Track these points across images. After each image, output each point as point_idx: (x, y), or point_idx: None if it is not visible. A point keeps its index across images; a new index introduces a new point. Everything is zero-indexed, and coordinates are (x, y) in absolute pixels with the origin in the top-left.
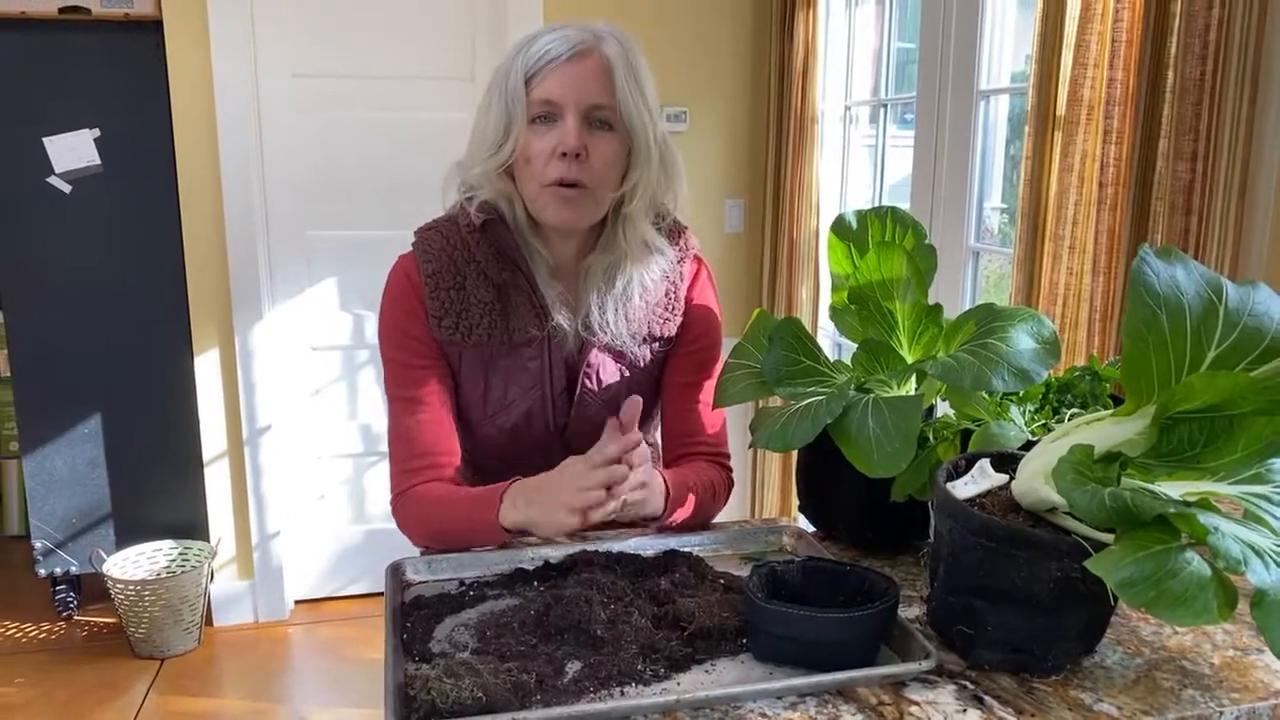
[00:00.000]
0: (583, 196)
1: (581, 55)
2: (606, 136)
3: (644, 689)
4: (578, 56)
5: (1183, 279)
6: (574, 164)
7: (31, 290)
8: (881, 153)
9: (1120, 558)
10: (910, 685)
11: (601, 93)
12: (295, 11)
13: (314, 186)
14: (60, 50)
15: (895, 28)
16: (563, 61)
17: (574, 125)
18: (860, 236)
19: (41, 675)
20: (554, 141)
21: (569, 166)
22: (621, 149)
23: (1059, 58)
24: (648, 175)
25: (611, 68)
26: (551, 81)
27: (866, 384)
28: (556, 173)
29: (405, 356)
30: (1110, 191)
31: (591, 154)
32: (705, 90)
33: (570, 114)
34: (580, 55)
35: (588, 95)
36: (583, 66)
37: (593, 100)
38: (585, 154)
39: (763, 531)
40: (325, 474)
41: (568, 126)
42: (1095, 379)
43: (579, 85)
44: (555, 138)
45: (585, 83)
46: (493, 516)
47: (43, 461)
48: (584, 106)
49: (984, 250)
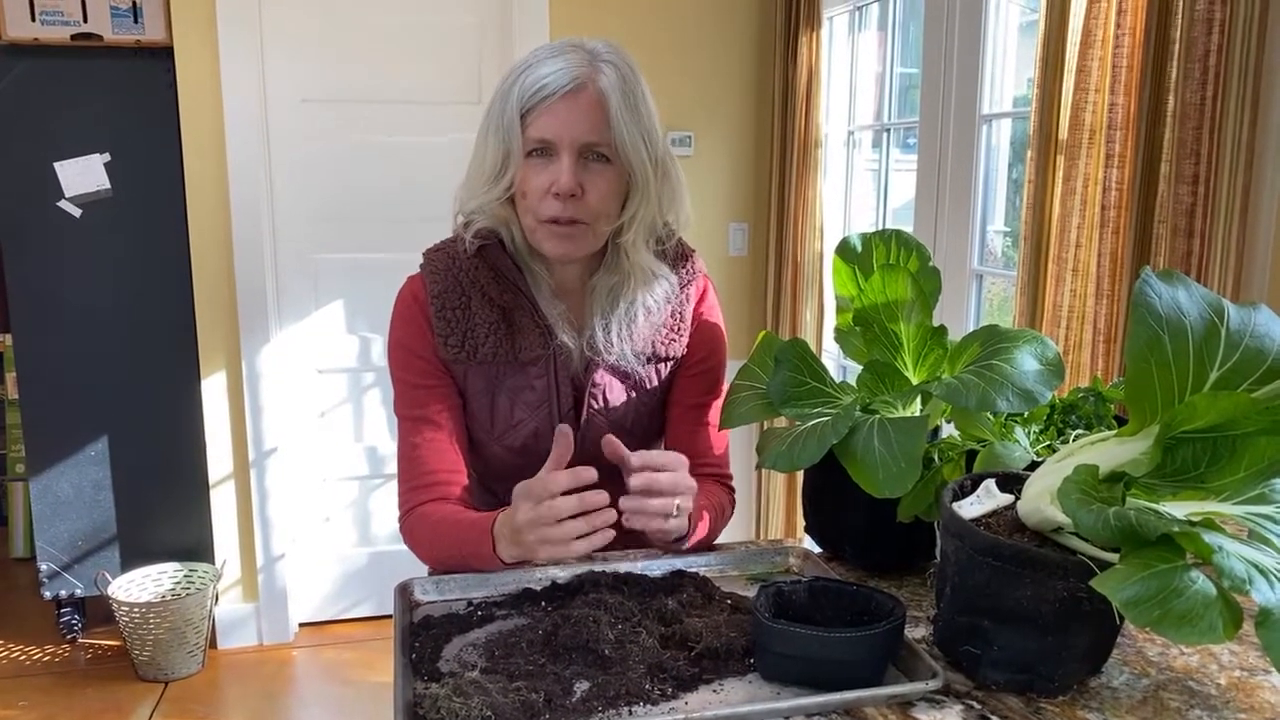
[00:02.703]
0: (579, 232)
1: (576, 90)
2: (603, 170)
3: (652, 708)
4: (573, 92)
5: (1185, 301)
6: (569, 203)
7: (40, 313)
8: (885, 177)
9: (1125, 577)
10: (917, 705)
11: (597, 129)
12: (304, 38)
13: (321, 210)
14: (72, 76)
15: (898, 53)
16: (557, 99)
17: (568, 164)
18: (865, 259)
19: (45, 698)
20: (549, 179)
21: (564, 206)
22: (619, 180)
23: (1061, 82)
24: (646, 205)
25: (606, 102)
26: (547, 119)
27: (872, 405)
28: (552, 211)
29: (413, 376)
30: (1112, 215)
31: (588, 190)
32: (710, 114)
33: (565, 153)
34: (575, 90)
35: (582, 133)
36: (578, 102)
37: (587, 138)
38: (581, 192)
39: (769, 552)
40: (331, 496)
41: (562, 165)
42: (1099, 400)
43: (573, 123)
44: (551, 175)
45: (580, 120)
46: (489, 550)
47: (49, 484)
48: (579, 144)
49: (987, 273)
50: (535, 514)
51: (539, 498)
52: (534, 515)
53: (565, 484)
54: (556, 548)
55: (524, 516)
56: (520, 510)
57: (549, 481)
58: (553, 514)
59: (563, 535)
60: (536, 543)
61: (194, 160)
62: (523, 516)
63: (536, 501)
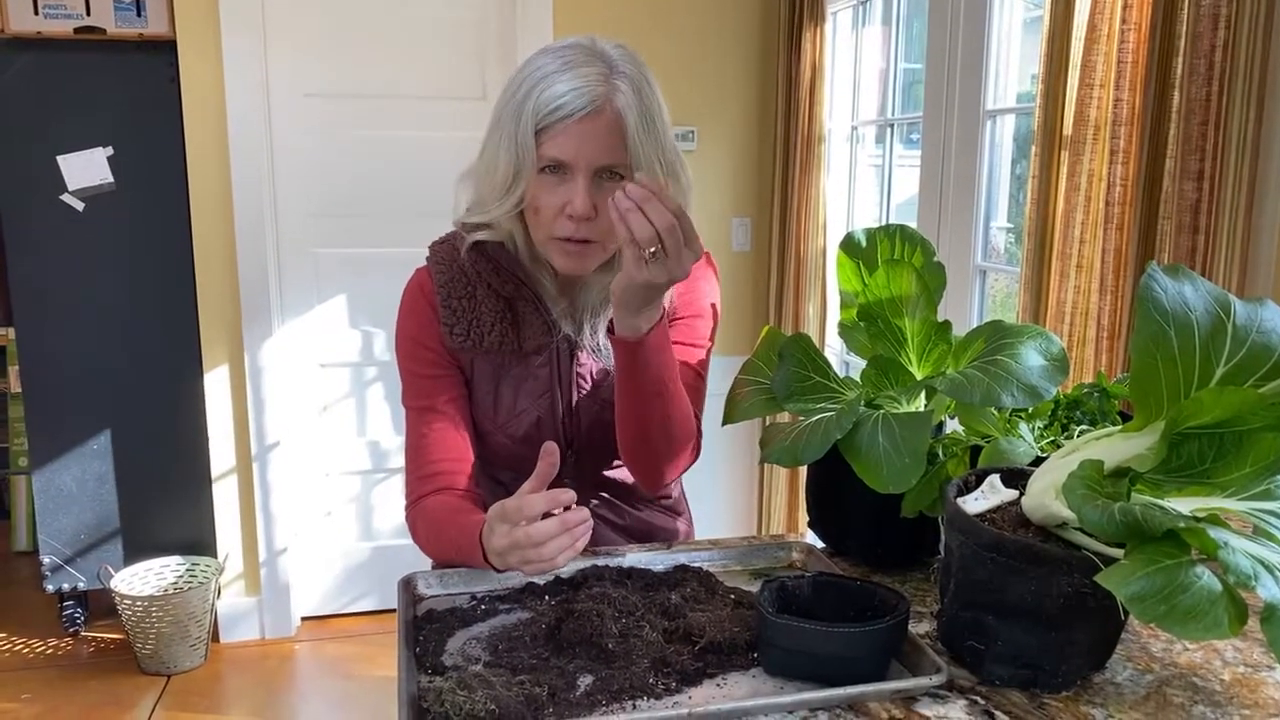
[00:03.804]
0: (590, 250)
1: (594, 114)
2: (616, 188)
3: (655, 702)
4: (590, 115)
5: (1191, 296)
6: (583, 224)
7: (43, 306)
8: (888, 172)
9: (1130, 572)
10: (921, 700)
11: (613, 151)
12: (307, 33)
13: (324, 204)
14: (75, 70)
15: (902, 48)
16: (574, 121)
17: (583, 186)
18: (869, 254)
19: (48, 691)
20: (563, 198)
21: (577, 227)
22: None
23: (1065, 78)
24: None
25: (624, 123)
26: (563, 140)
27: (876, 400)
28: (565, 231)
29: (420, 367)
30: (1117, 211)
31: (600, 211)
32: (713, 109)
33: (581, 175)
34: (593, 114)
35: (599, 156)
36: (595, 125)
37: (604, 161)
38: (595, 214)
39: (772, 547)
40: (333, 490)
41: (577, 187)
42: (1104, 395)
43: (590, 145)
44: (564, 195)
45: (597, 142)
46: (480, 559)
47: (52, 477)
48: (595, 167)
49: (991, 269)
50: (512, 539)
51: (514, 521)
52: (511, 541)
53: (542, 508)
54: (541, 564)
55: (501, 542)
56: (497, 534)
57: (525, 505)
58: (530, 540)
59: (544, 555)
60: (519, 564)
61: (197, 154)
62: (500, 541)
63: (513, 525)
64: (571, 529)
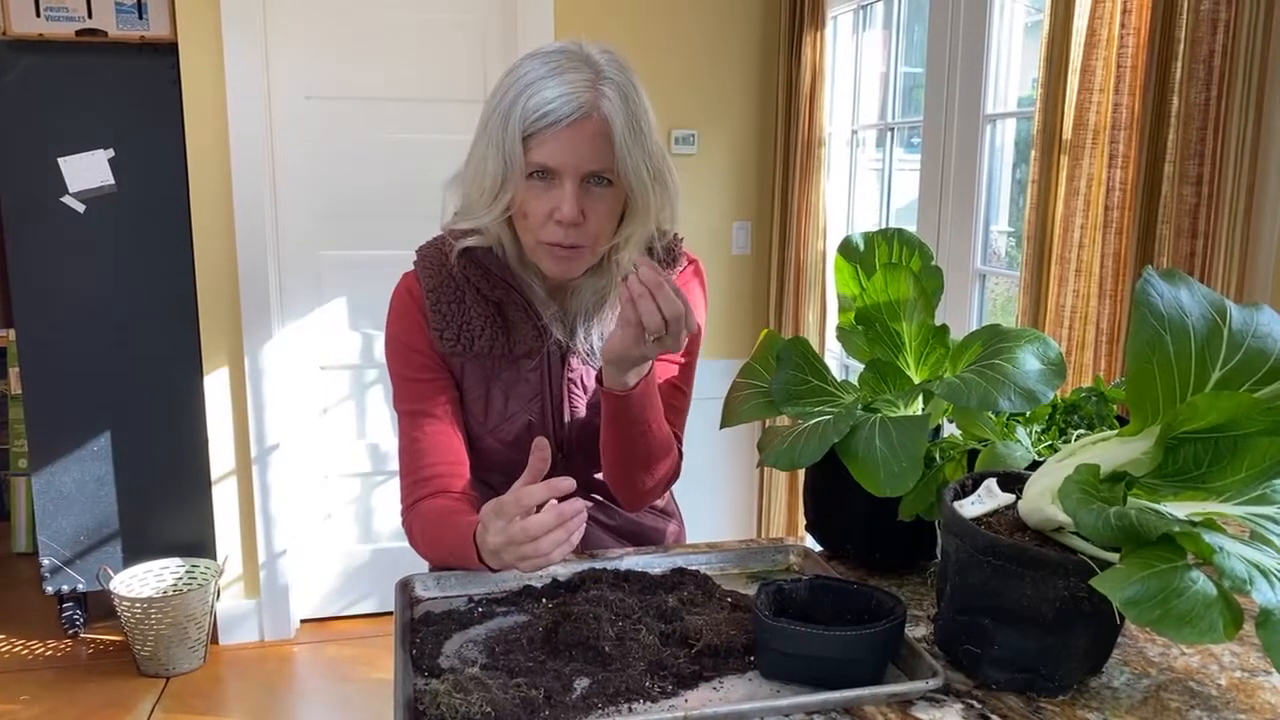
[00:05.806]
0: (579, 254)
1: (581, 120)
2: (604, 193)
3: (652, 705)
4: (578, 121)
5: (1187, 300)
6: (571, 230)
7: (44, 308)
8: (888, 176)
9: (1126, 576)
10: (917, 704)
11: (601, 157)
12: (309, 35)
13: (325, 207)
14: (77, 72)
15: (902, 52)
16: (562, 127)
17: (571, 192)
18: (867, 258)
19: (47, 693)
20: (551, 204)
21: (566, 233)
22: (619, 201)
23: (1065, 83)
24: (645, 224)
25: (611, 129)
26: (551, 147)
27: (874, 404)
28: (553, 237)
29: (410, 371)
30: (1116, 215)
31: (589, 216)
32: (714, 113)
33: (569, 181)
34: (580, 120)
35: (586, 162)
36: (583, 131)
37: (591, 167)
38: (583, 219)
39: (769, 550)
40: (332, 493)
41: (565, 193)
42: (1101, 400)
43: (578, 152)
44: (552, 200)
45: (584, 149)
46: (475, 560)
47: (51, 479)
48: (583, 172)
49: (990, 273)
50: (508, 535)
51: (510, 516)
52: (507, 537)
53: (540, 498)
54: (537, 560)
55: (496, 539)
56: (492, 530)
57: (522, 496)
58: (526, 534)
59: (540, 550)
60: (514, 560)
61: (198, 156)
62: (495, 539)
63: (508, 520)
64: (566, 522)
